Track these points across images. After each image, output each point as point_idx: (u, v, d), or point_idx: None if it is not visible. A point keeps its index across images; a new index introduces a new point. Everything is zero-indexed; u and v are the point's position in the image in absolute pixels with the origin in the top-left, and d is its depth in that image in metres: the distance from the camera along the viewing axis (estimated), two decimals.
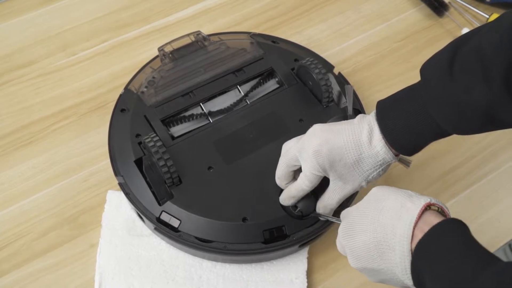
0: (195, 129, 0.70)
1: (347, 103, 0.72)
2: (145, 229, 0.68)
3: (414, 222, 0.47)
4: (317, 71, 0.72)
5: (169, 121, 0.71)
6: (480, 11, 0.93)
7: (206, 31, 0.80)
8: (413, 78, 0.56)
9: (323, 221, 0.64)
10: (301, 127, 0.69)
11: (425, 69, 0.54)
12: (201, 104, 0.72)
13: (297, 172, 0.61)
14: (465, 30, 0.91)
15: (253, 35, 0.82)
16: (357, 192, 0.63)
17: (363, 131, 0.56)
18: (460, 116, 0.52)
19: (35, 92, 0.82)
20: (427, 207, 0.48)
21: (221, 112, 0.72)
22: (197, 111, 0.72)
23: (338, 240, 0.54)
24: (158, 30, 0.90)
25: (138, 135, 0.68)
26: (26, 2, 0.92)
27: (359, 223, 0.51)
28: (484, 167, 0.78)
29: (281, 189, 0.64)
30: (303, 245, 0.66)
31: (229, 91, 0.74)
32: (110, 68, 0.85)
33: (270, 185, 0.64)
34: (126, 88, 0.75)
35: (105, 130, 0.72)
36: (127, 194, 0.65)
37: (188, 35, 0.78)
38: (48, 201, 0.71)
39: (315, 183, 0.59)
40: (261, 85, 0.76)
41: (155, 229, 0.64)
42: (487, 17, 0.92)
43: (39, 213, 0.70)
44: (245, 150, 0.68)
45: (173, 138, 0.69)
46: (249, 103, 0.73)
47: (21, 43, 0.87)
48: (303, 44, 0.84)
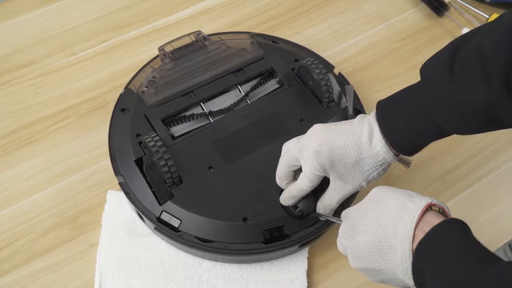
0: (196, 129, 0.70)
1: (348, 103, 0.72)
2: (145, 229, 0.68)
3: (415, 222, 0.47)
4: (318, 71, 0.72)
5: (170, 120, 0.71)
6: (480, 11, 0.93)
7: (206, 31, 0.80)
8: (413, 78, 0.56)
9: (323, 221, 0.64)
10: (302, 127, 0.69)
11: (425, 69, 0.54)
12: (202, 104, 0.72)
13: (297, 172, 0.61)
14: (465, 30, 0.91)
15: (253, 35, 0.82)
16: (357, 192, 0.64)
17: (363, 131, 0.56)
18: (460, 116, 0.52)
19: (35, 92, 0.82)
20: (428, 208, 0.48)
21: (221, 112, 0.72)
22: (197, 110, 0.72)
23: (339, 240, 0.54)
24: (158, 30, 0.90)
25: (138, 135, 0.68)
26: (26, 2, 0.92)
27: (360, 223, 0.51)
28: (484, 167, 0.78)
29: (282, 189, 0.64)
30: (303, 245, 0.66)
31: (229, 91, 0.74)
32: (110, 68, 0.85)
33: (270, 185, 0.64)
34: (126, 87, 0.74)
35: (105, 130, 0.72)
36: (127, 193, 0.65)
37: (188, 34, 0.78)
38: (48, 201, 0.71)
39: (315, 183, 0.59)
40: (261, 85, 0.76)
41: (156, 229, 0.64)
42: (487, 17, 0.92)
43: (39, 213, 0.70)
44: (246, 150, 0.68)
45: (174, 137, 0.69)
46: (249, 103, 0.73)
47: (21, 43, 0.87)
48: (303, 44, 0.84)
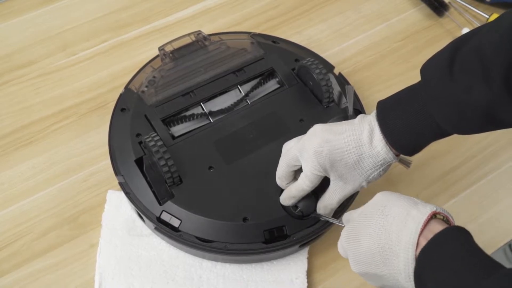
0: (196, 129, 0.70)
1: (348, 103, 0.72)
2: (145, 229, 0.68)
3: (419, 230, 0.47)
4: (318, 71, 0.72)
5: (170, 120, 0.71)
6: (480, 11, 0.93)
7: (206, 31, 0.80)
8: (413, 78, 0.56)
9: (323, 221, 0.64)
10: (302, 127, 0.69)
11: (425, 69, 0.54)
12: (202, 103, 0.72)
13: (297, 172, 0.61)
14: (465, 30, 0.91)
15: (253, 35, 0.82)
16: (357, 192, 0.64)
17: (363, 131, 0.56)
18: (460, 116, 0.52)
19: (35, 92, 0.82)
20: (433, 216, 0.48)
21: (221, 112, 0.72)
22: (197, 110, 0.72)
23: (340, 243, 0.54)
24: (158, 30, 0.90)
25: (138, 135, 0.68)
26: (26, 2, 0.92)
27: (364, 228, 0.51)
28: (484, 167, 0.78)
29: (282, 189, 0.64)
30: (303, 245, 0.66)
31: (229, 91, 0.74)
32: (110, 68, 0.85)
33: (270, 185, 0.64)
34: (126, 87, 0.74)
35: (105, 130, 0.72)
36: (127, 193, 0.65)
37: (188, 34, 0.78)
38: (48, 201, 0.71)
39: (315, 183, 0.59)
40: (261, 85, 0.76)
41: (156, 228, 0.64)
42: (487, 17, 0.92)
43: (39, 213, 0.70)
44: (246, 150, 0.68)
45: (174, 137, 0.69)
46: (249, 103, 0.73)
47: (21, 43, 0.87)
48: (303, 44, 0.84)
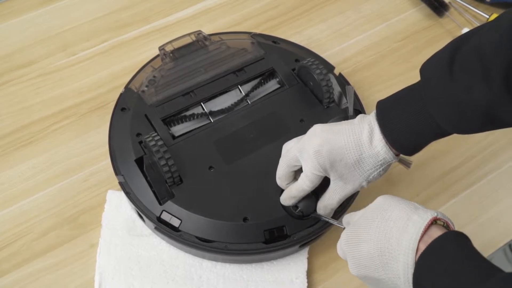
0: (196, 129, 0.70)
1: (348, 103, 0.72)
2: (145, 229, 0.68)
3: (420, 235, 0.47)
4: (318, 71, 0.72)
5: (170, 120, 0.71)
6: (480, 11, 0.93)
7: (206, 31, 0.80)
8: (413, 78, 0.55)
9: (323, 221, 0.64)
10: (302, 128, 0.69)
11: (425, 69, 0.54)
12: (202, 103, 0.72)
13: (297, 172, 0.61)
14: (465, 30, 0.91)
15: (253, 35, 0.82)
16: (357, 192, 0.64)
17: (363, 131, 0.56)
18: (460, 116, 0.52)
19: (35, 92, 0.82)
20: (433, 222, 0.48)
21: (222, 111, 0.72)
22: (198, 110, 0.72)
23: (339, 245, 0.54)
24: (158, 30, 0.90)
25: (138, 134, 0.68)
26: (26, 2, 0.92)
27: (364, 231, 0.51)
28: (484, 167, 0.78)
29: (282, 189, 0.64)
30: (303, 245, 0.66)
31: (230, 91, 0.74)
32: (110, 68, 0.85)
33: (270, 185, 0.64)
34: (126, 87, 0.74)
35: (105, 130, 0.72)
36: (127, 193, 0.65)
37: (189, 34, 0.78)
38: (48, 201, 0.71)
39: (316, 183, 0.59)
40: (262, 85, 0.76)
41: (156, 228, 0.63)
42: (487, 17, 0.92)
43: (39, 213, 0.70)
44: (246, 150, 0.68)
45: (174, 137, 0.69)
46: (250, 103, 0.73)
47: (21, 43, 0.87)
48: (303, 44, 0.84)
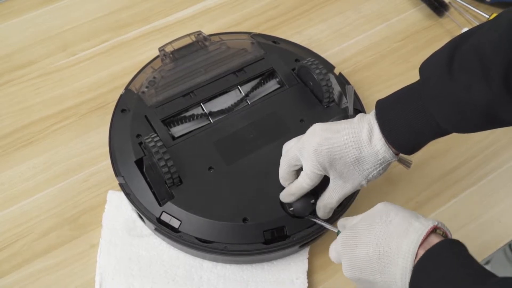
0: (196, 129, 0.70)
1: (348, 103, 0.72)
2: (145, 229, 0.68)
3: (420, 240, 0.47)
4: (318, 71, 0.71)
5: (170, 121, 0.71)
6: (480, 11, 0.93)
7: (206, 31, 0.80)
8: (413, 78, 0.55)
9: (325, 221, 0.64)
10: (302, 127, 0.69)
11: (424, 68, 0.54)
12: (202, 104, 0.72)
13: (299, 171, 0.61)
14: (465, 30, 0.91)
15: (253, 35, 0.82)
16: (357, 191, 0.64)
17: (363, 130, 0.56)
18: (459, 115, 0.52)
19: (35, 92, 0.82)
20: (434, 230, 0.49)
21: (221, 112, 0.72)
22: (197, 111, 0.72)
23: (334, 248, 0.54)
24: (158, 30, 0.90)
25: (138, 135, 0.68)
26: (26, 2, 0.92)
27: (364, 234, 0.51)
28: (485, 166, 0.77)
29: (283, 189, 0.63)
30: (303, 246, 0.66)
31: (229, 91, 0.74)
32: (110, 68, 0.85)
33: (270, 185, 0.64)
34: (126, 88, 0.74)
35: (105, 130, 0.72)
36: (127, 194, 0.65)
37: (188, 35, 0.78)
38: (48, 202, 0.71)
39: (315, 181, 0.59)
40: (261, 85, 0.75)
41: (156, 229, 0.63)
42: (487, 17, 0.91)
43: (39, 213, 0.70)
44: (246, 150, 0.68)
45: (174, 138, 0.69)
46: (249, 103, 0.73)
47: (21, 43, 0.87)
48: (303, 44, 0.84)
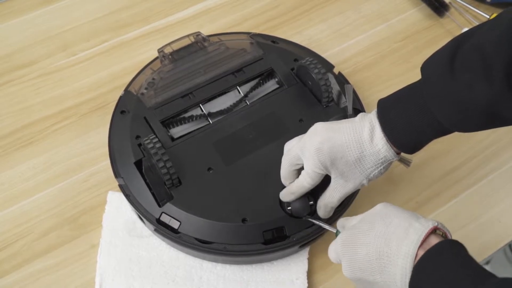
0: (195, 130, 0.70)
1: (347, 102, 0.72)
2: (145, 230, 0.68)
3: (420, 241, 0.47)
4: (317, 71, 0.71)
5: (169, 122, 0.71)
6: (480, 11, 0.93)
7: (206, 31, 0.80)
8: (413, 78, 0.55)
9: (324, 221, 0.64)
10: (301, 127, 0.69)
11: (425, 67, 0.54)
12: (201, 105, 0.72)
13: (300, 170, 0.61)
14: (466, 30, 0.91)
15: (253, 35, 0.82)
16: (357, 191, 0.63)
17: (364, 129, 0.56)
18: (461, 113, 0.52)
19: (35, 92, 0.82)
20: (433, 231, 0.49)
21: (220, 113, 0.72)
22: (196, 112, 0.72)
23: (334, 248, 0.54)
24: (158, 30, 0.90)
25: (138, 137, 0.68)
26: (26, 2, 0.92)
27: (364, 234, 0.51)
28: (485, 166, 0.77)
29: (282, 189, 0.63)
30: (303, 246, 0.66)
31: (228, 92, 0.74)
32: (110, 68, 0.85)
33: (270, 185, 0.64)
34: (126, 89, 0.75)
35: (105, 130, 0.72)
36: (127, 195, 0.65)
37: (187, 36, 0.78)
38: (48, 202, 0.71)
39: (316, 181, 0.59)
40: (260, 86, 0.75)
41: (155, 230, 0.64)
42: (488, 17, 0.91)
43: (39, 213, 0.70)
44: (245, 150, 0.68)
45: (173, 139, 0.69)
46: (248, 103, 0.73)
47: (21, 43, 0.87)
48: (303, 44, 0.84)
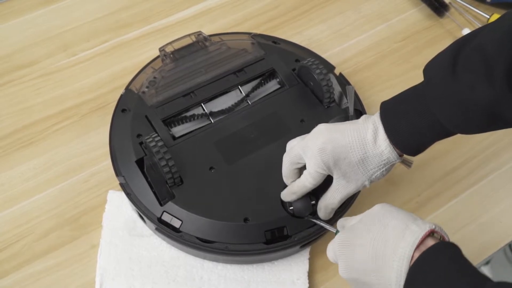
0: (196, 129, 0.70)
1: (348, 103, 0.72)
2: (146, 230, 0.68)
3: (416, 243, 0.47)
4: (318, 71, 0.71)
5: (170, 121, 0.70)
6: (480, 11, 0.93)
7: (206, 31, 0.80)
8: (414, 78, 0.56)
9: (325, 221, 0.64)
10: (302, 128, 0.69)
11: (428, 69, 0.55)
12: (202, 104, 0.72)
13: (302, 170, 0.61)
14: (466, 30, 0.91)
15: (254, 36, 0.82)
16: (358, 193, 0.63)
17: (368, 131, 0.57)
18: (463, 115, 0.52)
19: (35, 92, 0.82)
20: (431, 234, 0.49)
21: (222, 112, 0.72)
22: (198, 111, 0.72)
23: (332, 248, 0.54)
24: (158, 30, 0.90)
25: (139, 135, 0.68)
26: (26, 2, 0.92)
27: (361, 236, 0.51)
28: (485, 167, 0.77)
29: (284, 188, 0.63)
30: (304, 246, 0.66)
31: (230, 92, 0.74)
32: (110, 68, 0.85)
33: (271, 185, 0.64)
34: (127, 88, 0.74)
35: (105, 130, 0.72)
36: (128, 194, 0.65)
37: (189, 35, 0.78)
38: (49, 202, 0.71)
39: (318, 181, 0.59)
40: (262, 86, 0.75)
41: (157, 229, 0.63)
42: (488, 17, 0.92)
43: (39, 214, 0.70)
44: (246, 150, 0.68)
45: (174, 138, 0.69)
46: (250, 103, 0.73)
47: (21, 43, 0.87)
48: (303, 44, 0.84)
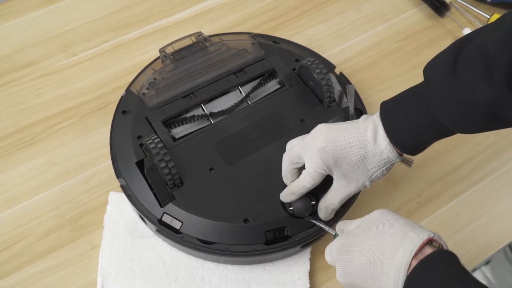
0: (197, 130, 0.70)
1: (349, 103, 0.72)
2: (147, 230, 0.68)
3: (414, 251, 0.47)
4: (318, 71, 0.71)
5: (171, 122, 0.70)
6: (481, 11, 0.93)
7: (206, 31, 0.80)
8: (414, 78, 0.56)
9: (324, 223, 0.64)
10: (303, 128, 0.69)
11: (428, 69, 0.55)
12: (202, 105, 0.72)
13: (301, 170, 0.61)
14: (466, 30, 0.91)
15: (254, 36, 0.82)
16: (358, 193, 0.63)
17: (368, 130, 0.57)
18: (463, 115, 0.52)
19: (36, 93, 0.82)
20: (429, 242, 0.49)
21: (222, 113, 0.72)
22: (198, 112, 0.72)
23: (330, 251, 0.54)
24: (158, 30, 0.90)
25: (139, 137, 0.68)
26: (26, 2, 0.92)
27: (359, 242, 0.51)
28: (485, 167, 0.77)
29: (284, 189, 0.63)
30: (305, 246, 0.66)
31: (230, 92, 0.74)
32: (110, 68, 0.85)
33: (271, 185, 0.64)
34: (127, 89, 0.74)
35: (106, 130, 0.72)
36: (128, 196, 0.65)
37: (189, 36, 0.78)
38: (49, 202, 0.71)
39: (317, 181, 0.59)
40: (262, 86, 0.75)
41: (157, 231, 0.63)
42: (488, 17, 0.91)
43: (40, 214, 0.70)
44: (247, 151, 0.68)
45: (175, 139, 0.69)
46: (250, 103, 0.73)
47: (21, 44, 0.87)
48: (304, 44, 0.84)
